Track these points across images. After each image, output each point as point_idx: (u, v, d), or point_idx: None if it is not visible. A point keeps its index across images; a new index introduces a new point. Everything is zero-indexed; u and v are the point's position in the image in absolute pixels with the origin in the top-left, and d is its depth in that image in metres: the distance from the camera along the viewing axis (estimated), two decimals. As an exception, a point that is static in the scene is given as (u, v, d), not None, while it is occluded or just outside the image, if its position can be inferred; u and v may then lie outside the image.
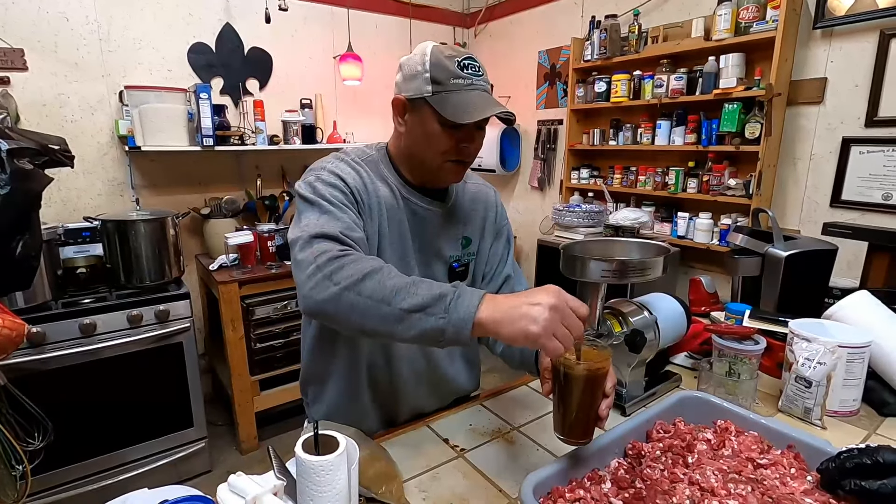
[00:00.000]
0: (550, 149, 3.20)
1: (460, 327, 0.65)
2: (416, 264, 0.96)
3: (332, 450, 0.44)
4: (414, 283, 0.70)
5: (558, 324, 0.61)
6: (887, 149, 1.78)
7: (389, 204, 0.92)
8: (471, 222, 1.04)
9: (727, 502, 0.59)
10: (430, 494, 0.77)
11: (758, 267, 1.43)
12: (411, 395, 1.02)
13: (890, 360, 1.04)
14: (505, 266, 1.10)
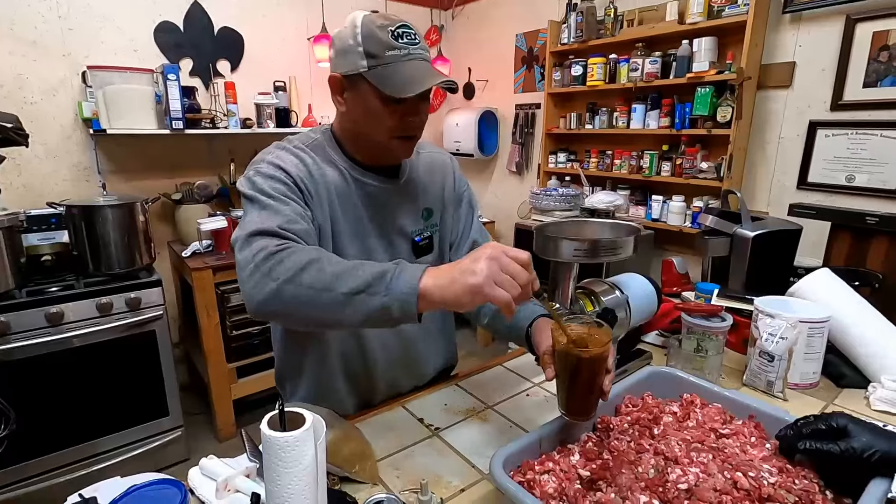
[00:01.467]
0: (528, 133, 3.20)
1: (405, 301, 0.64)
2: (378, 245, 0.94)
3: (298, 426, 0.44)
4: (355, 266, 0.69)
5: (499, 272, 0.61)
6: (851, 132, 1.83)
7: (340, 188, 0.89)
8: (429, 193, 1.02)
9: (689, 470, 0.61)
10: (404, 472, 0.78)
11: (727, 247, 1.46)
12: (387, 377, 1.01)
13: (848, 334, 1.09)
14: (471, 231, 1.08)
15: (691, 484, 0.59)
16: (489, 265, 0.61)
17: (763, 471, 0.63)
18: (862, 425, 0.62)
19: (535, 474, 0.63)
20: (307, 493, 0.45)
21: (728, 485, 0.59)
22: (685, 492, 0.58)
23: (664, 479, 0.60)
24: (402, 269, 0.67)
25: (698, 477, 0.60)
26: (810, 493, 0.61)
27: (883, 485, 0.59)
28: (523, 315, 0.93)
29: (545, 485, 0.61)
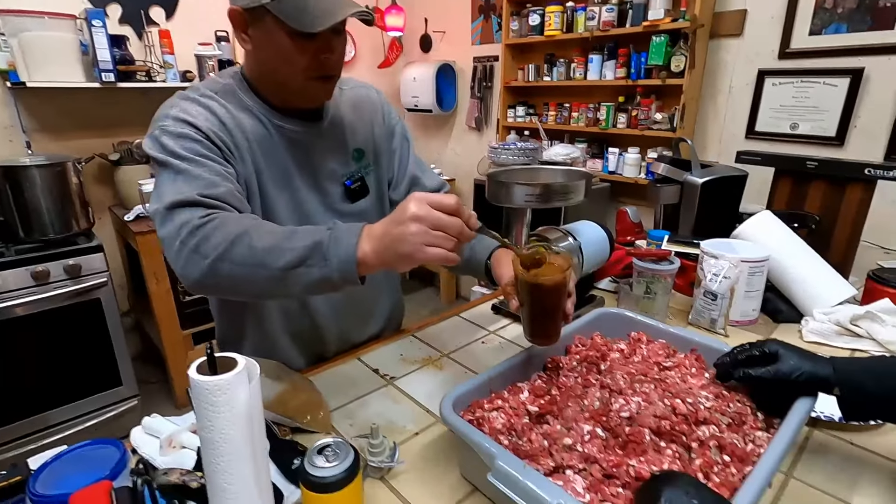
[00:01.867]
0: (487, 87, 3.14)
1: (346, 271, 0.61)
2: (307, 195, 0.89)
3: (230, 370, 0.42)
4: (286, 236, 0.64)
5: (427, 232, 0.58)
6: (796, 80, 1.88)
7: (259, 136, 0.83)
8: (358, 132, 0.95)
9: (632, 399, 0.63)
10: (358, 420, 0.78)
11: (677, 195, 1.49)
12: (335, 330, 0.99)
13: (785, 272, 1.14)
14: (408, 166, 1.03)
15: (633, 412, 0.61)
16: (417, 229, 0.58)
17: (700, 397, 0.65)
18: (790, 349, 0.65)
19: (484, 412, 0.64)
20: (243, 439, 0.43)
21: (667, 411, 0.61)
22: (627, 419, 0.60)
23: (608, 409, 0.62)
24: (336, 236, 0.62)
25: (640, 405, 0.62)
26: (743, 414, 0.64)
27: (807, 403, 0.62)
28: (481, 248, 0.92)
29: (493, 421, 0.62)
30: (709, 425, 0.61)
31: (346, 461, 0.53)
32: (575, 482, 0.53)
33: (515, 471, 0.52)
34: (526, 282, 0.69)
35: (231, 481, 0.44)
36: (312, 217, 0.90)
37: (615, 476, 0.54)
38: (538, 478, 0.51)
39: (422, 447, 0.72)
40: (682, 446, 0.58)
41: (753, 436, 0.62)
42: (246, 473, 0.44)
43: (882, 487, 0.64)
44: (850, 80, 1.76)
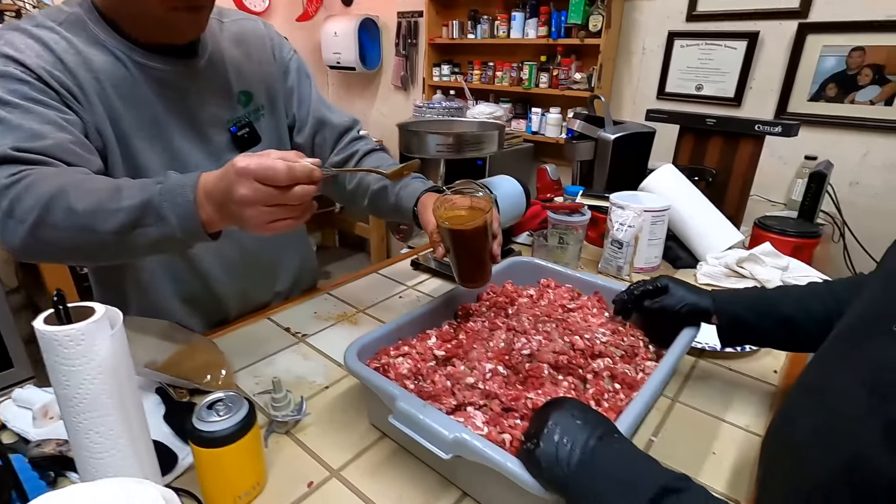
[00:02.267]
0: (412, 44, 3.04)
1: (190, 229, 0.56)
2: (186, 144, 0.78)
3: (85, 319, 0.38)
4: (110, 195, 0.56)
5: (265, 213, 0.53)
6: (702, 42, 1.97)
7: (116, 76, 0.70)
8: (244, 72, 0.84)
9: (533, 338, 0.65)
10: (264, 378, 0.75)
11: (592, 151, 1.54)
12: (234, 292, 0.91)
13: (684, 221, 1.22)
14: (310, 106, 0.93)
15: (533, 349, 0.63)
16: (251, 213, 0.52)
17: (598, 333, 0.69)
18: (678, 283, 0.70)
19: (389, 359, 0.63)
20: (108, 394, 0.39)
21: (566, 347, 0.64)
22: (527, 356, 0.62)
23: (510, 349, 0.63)
24: (169, 192, 0.55)
25: (540, 343, 0.64)
26: (635, 347, 0.69)
27: (690, 333, 0.68)
28: (406, 194, 0.84)
29: (399, 367, 0.61)
30: (603, 358, 0.65)
31: (239, 414, 0.51)
32: (475, 417, 0.54)
33: (415, 410, 0.52)
34: (447, 229, 0.68)
35: (97, 440, 0.40)
36: (195, 169, 0.79)
37: (514, 409, 0.56)
38: (437, 415, 0.51)
39: (331, 400, 0.71)
40: (578, 378, 0.61)
41: (644, 365, 0.66)
42: (116, 432, 0.41)
43: (751, 404, 0.72)
44: (748, 43, 1.87)
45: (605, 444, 0.43)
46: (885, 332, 0.41)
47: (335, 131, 0.94)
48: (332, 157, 0.94)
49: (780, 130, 1.34)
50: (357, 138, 0.96)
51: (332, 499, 0.55)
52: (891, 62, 1.66)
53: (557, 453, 0.42)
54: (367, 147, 0.94)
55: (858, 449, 0.38)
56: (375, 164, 0.90)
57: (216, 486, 0.52)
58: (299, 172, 0.52)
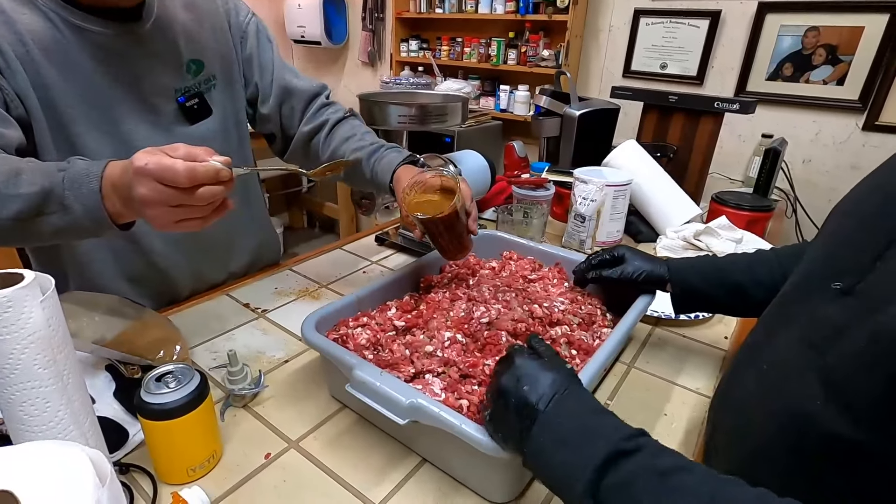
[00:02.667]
0: (379, 18, 2.96)
1: (96, 221, 0.53)
2: (127, 116, 0.73)
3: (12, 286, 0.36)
4: (8, 179, 0.53)
5: (170, 212, 0.50)
6: (666, 20, 1.99)
7: (45, 38, 0.64)
8: (194, 39, 0.78)
9: (493, 307, 0.65)
10: (221, 353, 0.73)
11: (558, 127, 1.54)
12: (185, 269, 0.87)
13: (645, 196, 1.24)
14: (273, 72, 0.87)
15: (492, 318, 0.63)
16: (154, 213, 0.50)
17: (556, 302, 0.70)
18: (635, 253, 0.71)
19: (348, 329, 0.62)
20: (42, 364, 0.38)
21: (525, 315, 0.65)
22: (486, 324, 0.62)
23: (470, 317, 0.64)
24: (72, 180, 0.52)
25: (500, 312, 0.65)
26: (593, 315, 0.70)
27: (646, 300, 0.69)
28: (382, 167, 0.79)
29: (358, 338, 0.61)
30: (561, 325, 0.66)
31: (189, 386, 0.49)
32: (433, 384, 0.54)
33: (372, 378, 0.51)
34: (419, 220, 0.67)
35: (33, 413, 0.38)
36: (138, 143, 0.74)
37: (472, 375, 0.56)
38: (394, 382, 0.51)
39: (291, 373, 0.70)
40: (536, 345, 0.62)
41: (601, 332, 0.68)
42: (53, 405, 0.39)
43: (703, 368, 0.75)
44: (710, 21, 1.90)
45: (562, 399, 0.41)
46: (823, 289, 0.42)
47: (302, 99, 0.89)
48: (302, 127, 0.89)
49: (737, 108, 1.37)
50: (326, 104, 0.91)
51: (290, 469, 0.55)
52: (843, 43, 1.71)
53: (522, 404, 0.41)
54: (336, 115, 0.89)
55: (797, 402, 0.39)
56: (347, 132, 0.86)
57: (167, 460, 0.51)
58: (202, 173, 0.48)
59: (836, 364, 0.37)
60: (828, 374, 0.37)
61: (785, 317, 0.48)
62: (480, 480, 0.52)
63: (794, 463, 0.40)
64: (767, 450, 0.42)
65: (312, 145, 0.89)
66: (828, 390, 0.37)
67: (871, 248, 0.40)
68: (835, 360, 0.37)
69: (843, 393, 0.36)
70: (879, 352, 0.34)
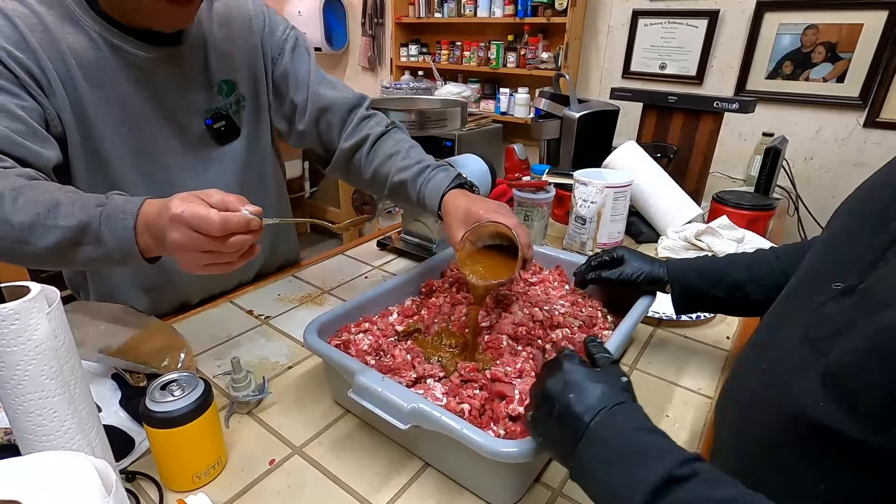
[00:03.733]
0: (378, 23, 2.98)
1: (129, 255, 0.55)
2: (155, 133, 0.75)
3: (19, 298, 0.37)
4: (49, 209, 0.54)
5: (198, 257, 0.52)
6: (665, 20, 2.00)
7: (86, 57, 0.66)
8: (227, 58, 0.79)
9: (494, 311, 0.66)
10: (226, 360, 0.74)
11: (558, 129, 1.55)
12: (193, 281, 0.88)
13: (645, 197, 1.25)
14: (308, 88, 0.83)
15: (493, 321, 0.64)
16: (184, 258, 0.52)
17: (557, 305, 0.70)
18: (634, 254, 0.71)
19: (350, 335, 0.63)
20: (48, 374, 0.38)
21: (525, 319, 0.65)
22: (487, 328, 0.63)
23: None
24: (108, 218, 0.54)
25: (500, 315, 0.65)
26: (593, 317, 0.70)
27: (646, 301, 0.70)
28: (430, 193, 0.73)
29: (360, 343, 0.61)
30: (562, 328, 0.66)
31: (194, 394, 0.50)
32: (435, 389, 0.55)
33: (374, 384, 0.52)
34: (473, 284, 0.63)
35: (41, 423, 0.39)
36: (166, 163, 0.77)
37: (473, 380, 0.56)
38: (396, 387, 0.52)
39: (294, 379, 0.71)
40: (537, 348, 0.62)
41: (602, 334, 0.68)
42: (60, 415, 0.40)
43: (705, 369, 0.75)
44: (708, 21, 1.90)
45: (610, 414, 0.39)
46: (825, 289, 0.42)
47: (339, 113, 0.84)
48: (343, 144, 0.83)
49: (737, 107, 1.37)
50: (366, 117, 0.84)
51: (295, 475, 0.55)
52: (842, 40, 1.71)
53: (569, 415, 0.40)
54: (378, 129, 0.83)
55: (799, 401, 0.39)
56: (391, 148, 0.80)
57: (172, 467, 0.51)
58: (234, 223, 0.50)
59: (836, 363, 0.37)
60: (828, 374, 0.37)
61: (787, 316, 0.48)
62: (483, 484, 0.52)
63: (798, 463, 0.40)
64: (771, 449, 0.42)
65: (355, 161, 0.84)
66: (829, 390, 0.37)
67: (873, 248, 0.40)
68: (836, 359, 0.37)
69: (845, 392, 0.36)
70: (881, 351, 0.34)
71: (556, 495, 0.54)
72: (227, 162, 0.84)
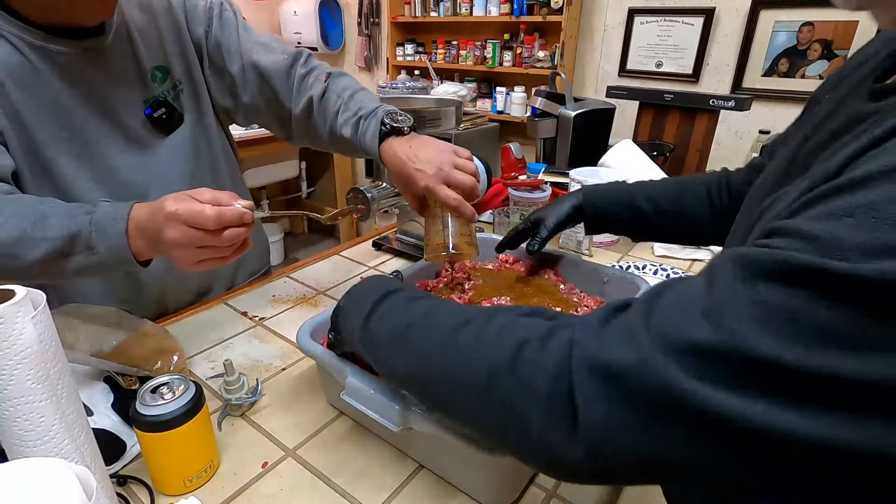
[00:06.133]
0: (374, 23, 2.98)
1: (120, 259, 0.56)
2: (97, 135, 0.71)
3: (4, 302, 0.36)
4: (35, 223, 0.55)
5: (192, 253, 0.54)
6: (660, 19, 1.99)
7: (10, 64, 0.63)
8: (155, 43, 0.74)
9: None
10: (219, 363, 0.73)
11: (554, 128, 1.55)
12: (174, 289, 0.88)
13: (642, 195, 1.24)
14: (242, 55, 0.79)
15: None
16: (178, 254, 0.53)
17: (552, 301, 0.70)
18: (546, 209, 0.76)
19: (344, 337, 0.62)
20: (35, 381, 0.38)
21: (520, 318, 0.65)
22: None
23: (464, 322, 0.64)
24: (98, 226, 0.55)
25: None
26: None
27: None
28: (369, 147, 0.72)
29: (353, 344, 0.61)
30: (557, 328, 0.65)
31: (185, 397, 0.50)
32: (428, 390, 0.54)
33: (366, 385, 0.51)
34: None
35: (28, 429, 0.38)
36: (112, 162, 0.74)
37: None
38: (387, 388, 0.51)
39: (288, 382, 0.70)
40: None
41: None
42: (47, 420, 0.39)
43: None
44: (704, 19, 1.90)
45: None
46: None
47: (280, 78, 0.80)
48: (294, 110, 0.80)
49: (733, 105, 1.37)
50: (304, 75, 0.80)
51: (288, 478, 0.55)
52: (838, 37, 1.71)
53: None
54: (319, 87, 0.79)
55: None
56: (334, 103, 0.78)
57: (164, 471, 0.51)
58: (229, 217, 0.52)
59: None
60: None
61: None
62: (476, 485, 0.52)
63: None
64: None
65: (312, 126, 0.82)
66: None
67: (753, 214, 0.41)
68: None
69: None
70: None
71: (550, 496, 0.54)
72: (175, 152, 0.80)
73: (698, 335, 0.26)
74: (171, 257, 0.54)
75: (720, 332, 0.25)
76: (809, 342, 0.23)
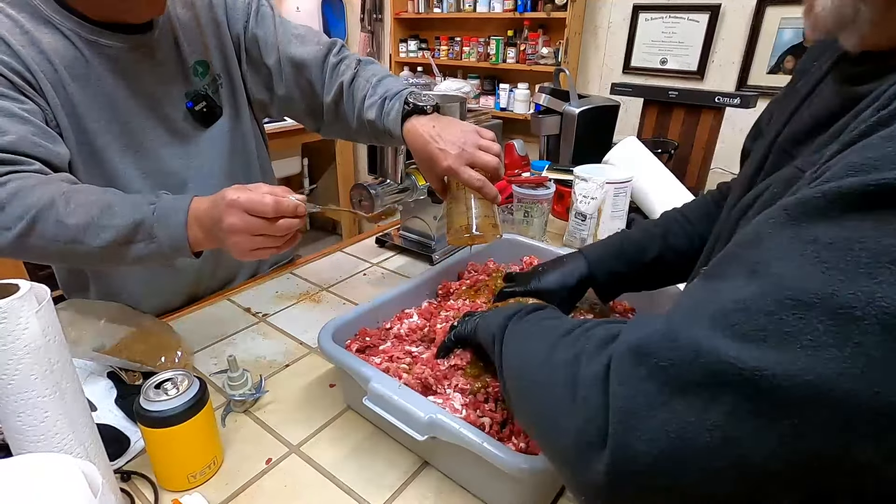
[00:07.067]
0: (377, 19, 2.97)
1: (177, 248, 0.59)
2: (142, 126, 0.75)
3: (7, 296, 0.36)
4: (102, 211, 0.57)
5: (249, 241, 0.57)
6: (665, 15, 1.98)
7: (66, 56, 0.66)
8: (197, 38, 0.78)
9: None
10: (223, 359, 0.73)
11: (558, 125, 1.54)
12: (196, 277, 0.89)
13: (646, 193, 1.24)
14: (278, 48, 0.81)
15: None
16: (235, 241, 0.56)
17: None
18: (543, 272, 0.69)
19: (371, 338, 0.63)
20: (39, 376, 0.38)
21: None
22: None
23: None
24: (161, 216, 0.58)
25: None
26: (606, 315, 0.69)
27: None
28: (392, 128, 0.72)
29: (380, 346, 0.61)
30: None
31: (189, 393, 0.49)
32: (454, 399, 0.54)
33: (390, 391, 0.51)
34: None
35: (31, 423, 0.38)
36: (156, 153, 0.77)
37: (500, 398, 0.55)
38: (413, 396, 0.51)
39: (292, 378, 0.70)
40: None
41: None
42: (51, 415, 0.39)
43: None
44: (710, 16, 1.89)
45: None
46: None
47: (315, 68, 0.81)
48: (325, 98, 0.82)
49: (738, 102, 1.36)
50: (336, 64, 0.81)
51: (291, 474, 0.55)
52: (845, 34, 1.69)
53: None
54: (349, 73, 0.80)
55: None
56: (362, 89, 0.78)
57: (167, 466, 0.51)
58: (285, 206, 0.56)
59: None
60: None
61: None
62: (501, 497, 0.50)
63: None
64: None
65: (341, 115, 0.83)
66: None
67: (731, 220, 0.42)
68: None
69: None
70: None
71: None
72: (213, 145, 0.83)
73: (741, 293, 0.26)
74: (227, 244, 0.57)
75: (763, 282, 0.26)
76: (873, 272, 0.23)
